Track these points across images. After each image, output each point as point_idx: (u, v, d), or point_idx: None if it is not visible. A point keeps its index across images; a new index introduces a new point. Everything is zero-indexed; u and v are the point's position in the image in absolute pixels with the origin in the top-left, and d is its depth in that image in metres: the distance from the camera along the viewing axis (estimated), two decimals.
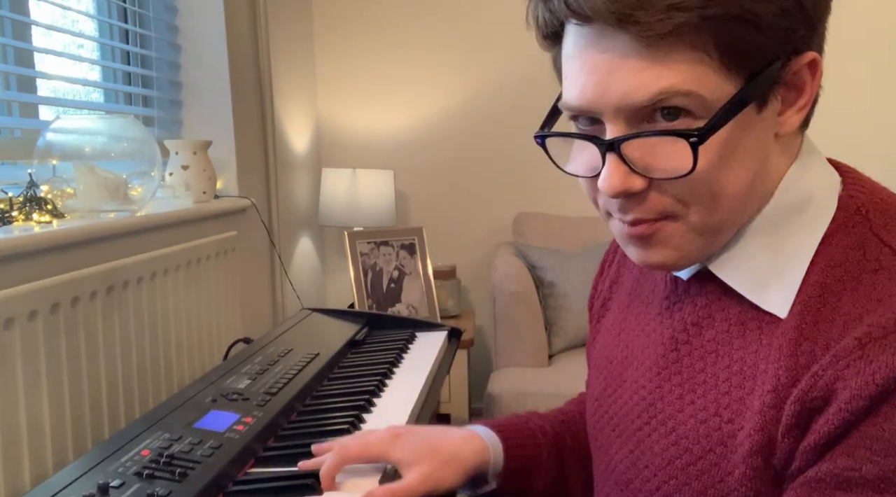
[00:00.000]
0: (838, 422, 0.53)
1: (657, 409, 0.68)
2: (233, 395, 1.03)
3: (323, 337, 1.41)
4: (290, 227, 2.59)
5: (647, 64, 0.56)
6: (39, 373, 1.06)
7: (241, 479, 0.84)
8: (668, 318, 0.70)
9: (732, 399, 0.61)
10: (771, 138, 0.62)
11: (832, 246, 0.61)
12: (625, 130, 0.59)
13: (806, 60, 0.59)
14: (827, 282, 0.59)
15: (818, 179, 0.65)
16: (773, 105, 0.60)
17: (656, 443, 0.67)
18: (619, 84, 0.57)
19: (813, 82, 0.61)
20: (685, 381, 0.66)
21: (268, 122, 2.30)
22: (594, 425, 0.79)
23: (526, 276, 2.51)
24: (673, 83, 0.56)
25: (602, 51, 0.58)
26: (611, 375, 0.77)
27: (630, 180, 0.59)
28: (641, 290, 0.78)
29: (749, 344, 0.62)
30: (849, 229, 0.61)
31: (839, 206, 0.63)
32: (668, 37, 0.55)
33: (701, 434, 0.63)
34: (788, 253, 0.62)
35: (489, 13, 2.85)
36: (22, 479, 1.01)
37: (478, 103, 2.90)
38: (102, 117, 1.52)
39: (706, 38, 0.55)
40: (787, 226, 0.63)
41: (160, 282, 1.40)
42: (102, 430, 1.21)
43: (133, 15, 1.86)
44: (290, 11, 2.64)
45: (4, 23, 1.39)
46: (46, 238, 1.13)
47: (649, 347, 0.72)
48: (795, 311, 0.60)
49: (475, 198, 2.96)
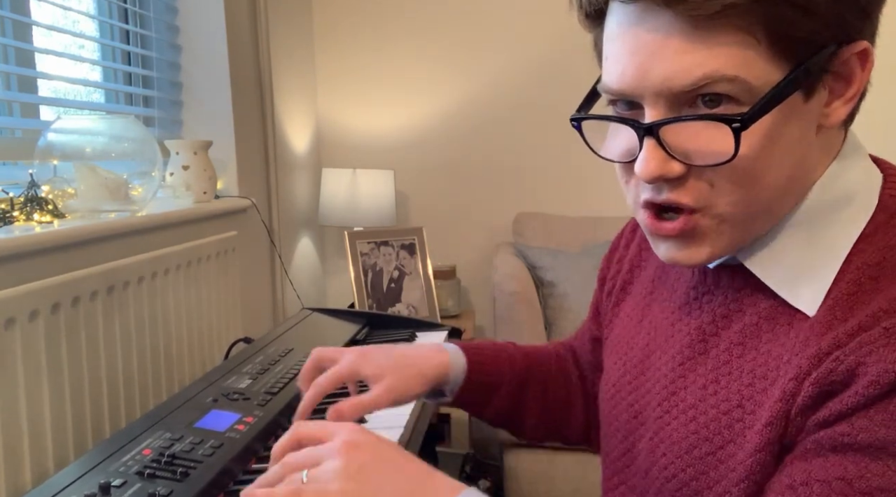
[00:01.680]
0: (851, 404, 0.53)
1: (679, 397, 0.67)
2: (234, 395, 1.03)
3: (323, 337, 1.41)
4: (290, 227, 2.59)
5: (692, 46, 0.54)
6: (40, 372, 1.06)
7: (242, 478, 0.84)
8: (696, 309, 0.69)
9: (756, 390, 0.61)
10: (814, 130, 0.60)
11: (870, 245, 0.59)
12: (664, 114, 0.57)
13: (857, 50, 0.57)
14: (862, 280, 0.58)
15: (859, 178, 0.63)
16: (820, 95, 0.58)
17: (676, 431, 0.67)
18: (662, 67, 0.56)
19: (863, 73, 0.59)
20: (710, 372, 0.66)
21: (268, 122, 2.30)
22: (610, 410, 0.79)
23: (526, 276, 2.51)
24: (718, 68, 0.54)
25: (646, 30, 0.56)
26: (631, 362, 0.77)
27: (668, 166, 0.58)
28: (666, 277, 0.77)
29: (777, 337, 0.61)
30: (888, 229, 0.60)
31: (880, 205, 0.61)
32: (716, 17, 0.53)
33: (723, 424, 0.62)
34: (823, 251, 0.61)
35: (489, 13, 2.85)
36: (23, 479, 1.02)
37: (478, 103, 2.90)
38: (103, 117, 1.52)
39: (755, 20, 0.53)
40: (823, 223, 0.61)
41: (161, 282, 1.40)
42: (103, 430, 1.21)
43: (133, 15, 1.86)
44: (290, 12, 2.65)
45: (5, 23, 1.39)
46: (47, 238, 1.13)
47: (675, 337, 0.71)
48: (826, 307, 0.59)
49: (475, 198, 2.96)
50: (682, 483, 0.65)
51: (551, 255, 2.62)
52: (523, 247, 2.69)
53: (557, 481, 1.94)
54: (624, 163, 0.63)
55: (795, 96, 0.56)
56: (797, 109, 0.57)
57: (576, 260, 2.59)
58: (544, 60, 2.74)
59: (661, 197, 0.60)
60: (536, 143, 2.82)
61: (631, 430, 0.74)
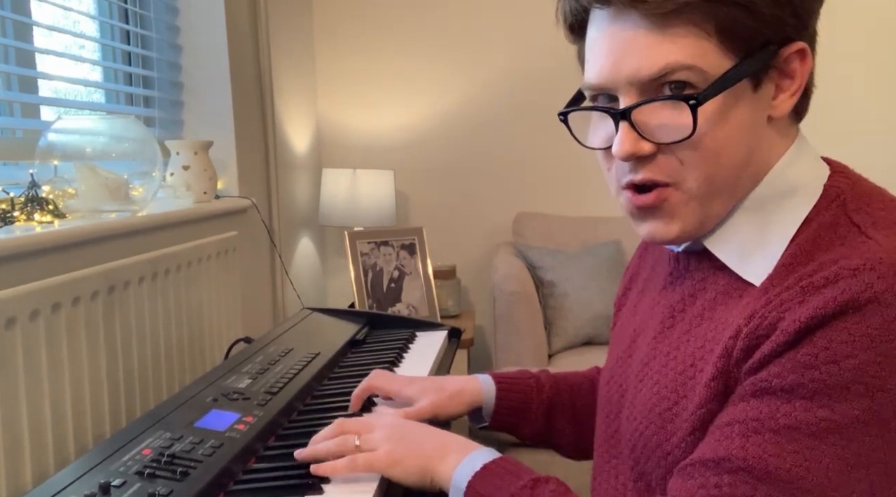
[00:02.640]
0: (768, 350, 0.62)
1: (650, 367, 0.76)
2: (233, 395, 1.03)
3: (323, 337, 1.41)
4: (290, 227, 2.59)
5: (656, 40, 0.65)
6: (41, 372, 1.06)
7: (241, 478, 0.84)
8: (670, 292, 0.79)
9: (706, 351, 0.70)
10: (764, 120, 0.69)
11: (810, 227, 0.68)
12: (635, 101, 0.67)
13: (795, 49, 0.67)
14: (797, 253, 0.66)
15: (807, 170, 0.71)
16: (767, 88, 0.68)
17: (644, 396, 0.76)
18: (632, 60, 0.66)
19: (803, 70, 0.68)
20: (673, 342, 0.75)
21: (268, 122, 2.30)
22: (605, 395, 0.87)
23: (526, 276, 2.51)
24: (678, 58, 0.65)
25: (619, 29, 0.67)
26: (622, 348, 0.86)
27: (639, 145, 0.67)
28: (655, 274, 0.86)
29: (730, 308, 0.70)
30: (826, 213, 0.68)
31: (823, 194, 0.69)
32: (673, 15, 0.64)
33: (678, 383, 0.71)
34: (771, 232, 0.69)
35: (489, 14, 2.85)
36: (24, 478, 1.02)
37: (478, 104, 2.90)
38: (103, 118, 1.52)
39: (706, 17, 0.64)
40: (773, 208, 0.70)
41: (161, 282, 1.41)
42: (104, 430, 1.21)
43: (134, 16, 1.86)
44: (291, 12, 2.65)
45: (6, 23, 1.40)
46: (48, 238, 1.13)
47: (653, 318, 0.80)
48: (767, 278, 0.67)
49: (475, 198, 2.96)
50: (647, 439, 0.73)
51: (551, 255, 2.62)
52: (523, 247, 2.69)
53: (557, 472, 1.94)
54: (604, 149, 0.72)
55: (744, 85, 0.66)
56: (746, 97, 0.67)
57: (576, 260, 2.59)
58: (544, 61, 2.74)
59: (639, 176, 0.69)
60: (536, 143, 2.82)
61: (617, 405, 0.83)
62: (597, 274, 2.56)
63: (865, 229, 0.65)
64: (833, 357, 0.58)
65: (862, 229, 0.65)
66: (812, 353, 0.59)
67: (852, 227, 0.66)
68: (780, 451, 0.59)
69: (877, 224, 0.65)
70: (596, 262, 2.60)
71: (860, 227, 0.65)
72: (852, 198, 0.68)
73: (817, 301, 0.60)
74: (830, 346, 0.59)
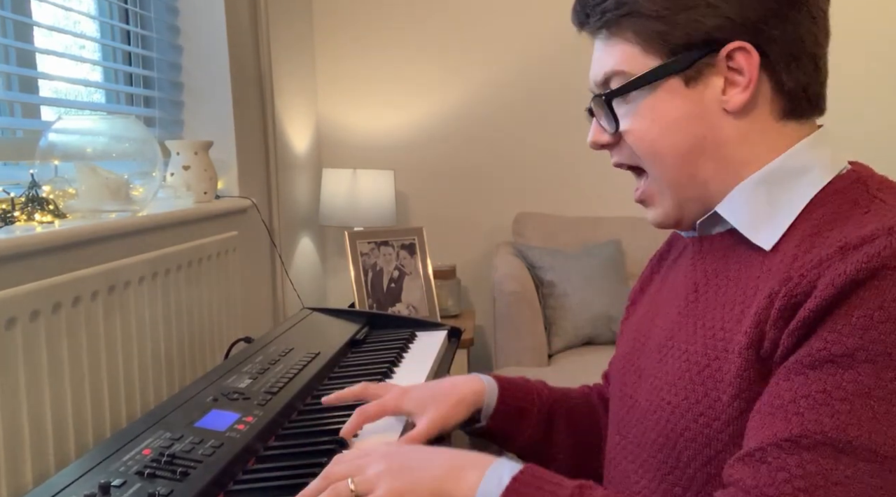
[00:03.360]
0: (814, 307, 0.62)
1: (675, 340, 0.77)
2: (234, 395, 1.03)
3: (323, 336, 1.41)
4: (290, 227, 2.59)
5: (600, 52, 0.79)
6: (41, 372, 1.06)
7: (241, 478, 0.85)
8: (691, 272, 0.81)
9: (735, 313, 0.71)
10: (715, 113, 0.74)
11: (826, 205, 0.70)
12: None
13: (730, 48, 0.71)
14: (821, 224, 0.68)
15: (820, 158, 0.74)
16: (709, 83, 0.73)
17: (671, 366, 0.76)
18: (593, 68, 0.80)
19: (749, 68, 0.72)
20: (699, 311, 0.76)
21: (268, 122, 2.30)
22: (619, 380, 0.86)
23: (526, 275, 2.51)
24: (610, 65, 0.77)
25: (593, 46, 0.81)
26: (639, 333, 0.86)
27: (599, 135, 0.80)
28: (677, 265, 0.88)
29: (752, 274, 0.72)
30: (848, 191, 0.71)
31: (839, 176, 0.72)
32: (604, 31, 0.77)
33: (708, 347, 0.72)
34: (781, 204, 0.72)
35: (489, 14, 2.85)
36: (24, 478, 1.02)
37: (478, 104, 2.90)
38: (104, 118, 1.53)
39: (627, 28, 0.75)
40: (783, 184, 0.73)
41: (161, 282, 1.41)
42: (104, 430, 1.22)
43: (134, 16, 1.87)
44: (291, 12, 2.65)
45: (6, 24, 1.40)
46: (48, 238, 1.13)
47: (675, 298, 0.82)
48: (792, 244, 0.69)
49: (475, 198, 2.96)
50: (675, 406, 0.73)
51: (551, 255, 2.62)
52: (523, 247, 2.69)
53: None
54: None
55: (675, 82, 0.74)
56: (678, 92, 0.74)
57: (576, 260, 2.59)
58: (544, 61, 2.74)
59: (613, 159, 0.81)
60: (536, 143, 2.82)
61: (633, 387, 0.82)
62: (597, 274, 2.56)
63: (888, 200, 0.68)
64: (888, 315, 0.59)
65: (885, 201, 0.68)
66: (865, 313, 0.59)
67: (874, 199, 0.68)
68: (856, 420, 0.58)
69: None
70: (596, 262, 2.60)
71: (884, 201, 0.68)
72: (873, 180, 0.72)
73: (858, 257, 0.61)
74: (883, 305, 0.59)
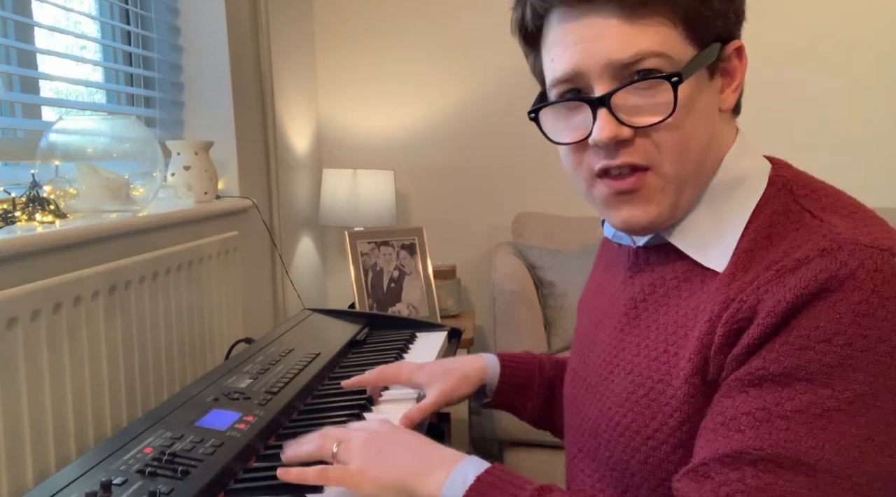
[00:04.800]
0: (757, 334, 0.63)
1: (619, 358, 0.78)
2: (234, 394, 1.03)
3: (324, 337, 1.42)
4: (291, 227, 2.59)
5: (627, 29, 0.68)
6: (42, 372, 1.06)
7: (242, 477, 0.85)
8: (630, 285, 0.81)
9: (678, 337, 0.72)
10: (717, 110, 0.74)
11: (762, 213, 0.71)
12: (610, 87, 0.70)
13: (735, 46, 0.73)
14: (757, 239, 0.70)
15: (752, 163, 0.76)
16: (717, 80, 0.73)
17: (618, 386, 0.77)
18: (605, 45, 0.69)
19: (741, 66, 0.74)
20: (642, 332, 0.77)
21: (269, 122, 2.31)
22: (570, 392, 0.89)
23: (526, 275, 2.52)
24: (649, 45, 0.68)
25: (586, 24, 0.70)
26: (584, 344, 0.88)
27: (620, 129, 0.70)
28: (610, 274, 0.89)
29: (693, 293, 0.73)
30: (776, 200, 0.72)
31: (769, 183, 0.74)
32: (643, 7, 0.68)
33: (652, 369, 0.73)
34: (725, 220, 0.73)
35: (489, 14, 2.85)
36: (25, 477, 1.02)
37: (478, 104, 2.91)
38: (105, 118, 1.53)
39: (673, 9, 0.69)
40: (725, 199, 0.74)
41: (162, 282, 1.41)
42: (105, 429, 1.22)
43: (135, 16, 1.87)
44: (291, 13, 2.65)
45: (7, 24, 1.40)
46: (49, 238, 1.14)
47: (614, 311, 0.83)
48: (730, 264, 0.70)
49: (475, 198, 2.97)
50: (625, 427, 0.74)
51: (551, 255, 2.62)
52: (523, 247, 2.69)
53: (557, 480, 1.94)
54: (576, 143, 0.74)
55: (704, 73, 0.71)
56: (705, 85, 0.72)
57: (575, 260, 2.59)
58: None
59: (617, 161, 0.71)
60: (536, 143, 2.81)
61: (581, 400, 0.84)
62: None
63: (817, 213, 0.69)
64: (824, 335, 0.60)
65: (814, 214, 0.69)
66: (803, 334, 0.61)
67: (804, 211, 0.70)
68: (795, 436, 0.60)
69: (825, 208, 0.70)
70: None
71: (811, 212, 0.69)
72: (798, 185, 0.73)
73: (796, 282, 0.62)
74: (819, 325, 0.61)
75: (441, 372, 1.03)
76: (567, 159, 0.77)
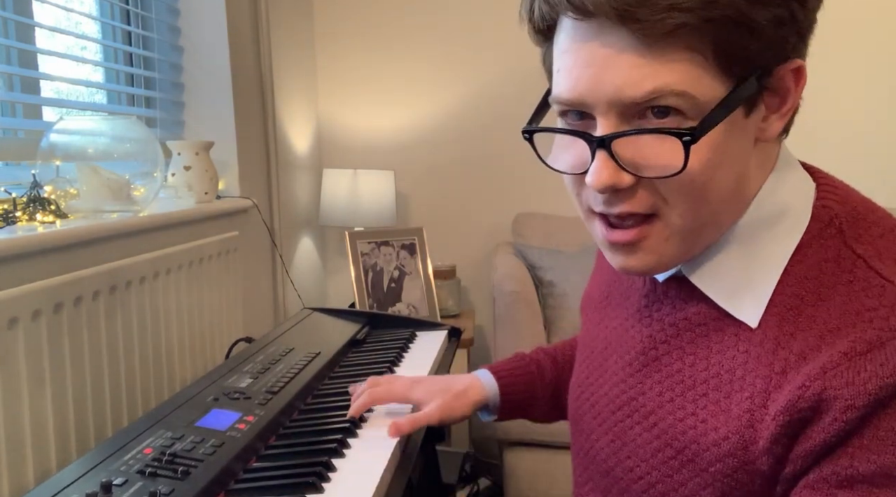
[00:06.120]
0: (834, 430, 0.55)
1: (639, 403, 0.71)
2: (234, 394, 1.03)
3: (324, 336, 1.42)
4: (291, 227, 2.60)
5: (645, 60, 0.56)
6: (43, 372, 1.07)
7: (242, 477, 0.85)
8: (647, 317, 0.73)
9: (710, 400, 0.64)
10: (752, 144, 0.62)
11: (807, 258, 0.62)
12: (616, 126, 0.59)
13: (792, 67, 0.60)
14: (802, 293, 0.61)
15: (793, 191, 0.65)
16: (758, 110, 0.61)
17: (639, 435, 0.70)
18: (615, 77, 0.57)
19: (797, 89, 0.61)
20: (664, 379, 0.69)
21: (269, 122, 2.31)
22: (576, 410, 0.84)
23: (525, 275, 2.52)
24: (668, 82, 0.56)
25: (600, 45, 0.58)
26: (592, 365, 0.81)
27: (619, 176, 0.60)
28: (620, 283, 0.80)
29: (726, 349, 0.64)
30: (823, 241, 0.62)
31: (813, 216, 0.64)
32: (667, 36, 0.55)
33: (678, 430, 0.66)
34: (760, 264, 0.63)
35: (489, 15, 2.85)
36: (26, 477, 1.02)
37: (478, 104, 2.91)
38: (105, 118, 1.53)
39: (704, 39, 0.56)
40: (761, 237, 0.64)
41: (162, 281, 1.41)
42: (105, 429, 1.22)
43: (135, 17, 1.87)
44: (292, 13, 2.65)
45: (8, 24, 1.40)
46: (50, 238, 1.14)
47: (629, 343, 0.74)
48: (772, 321, 0.61)
49: (475, 198, 2.97)
50: (650, 485, 0.68)
51: (551, 255, 2.62)
52: (523, 247, 2.69)
53: (558, 479, 1.95)
54: (575, 175, 0.65)
55: (738, 111, 0.59)
56: (739, 124, 0.60)
57: (575, 260, 2.60)
58: None
59: (615, 210, 0.62)
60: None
61: (592, 429, 0.79)
62: None
63: (872, 263, 0.60)
64: None
65: (869, 263, 0.60)
66: (893, 428, 0.54)
67: (858, 259, 0.61)
68: None
69: (881, 255, 0.61)
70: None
71: (866, 261, 0.60)
72: (848, 221, 0.63)
73: (874, 369, 0.54)
74: None
75: (438, 389, 0.98)
76: (567, 183, 0.68)
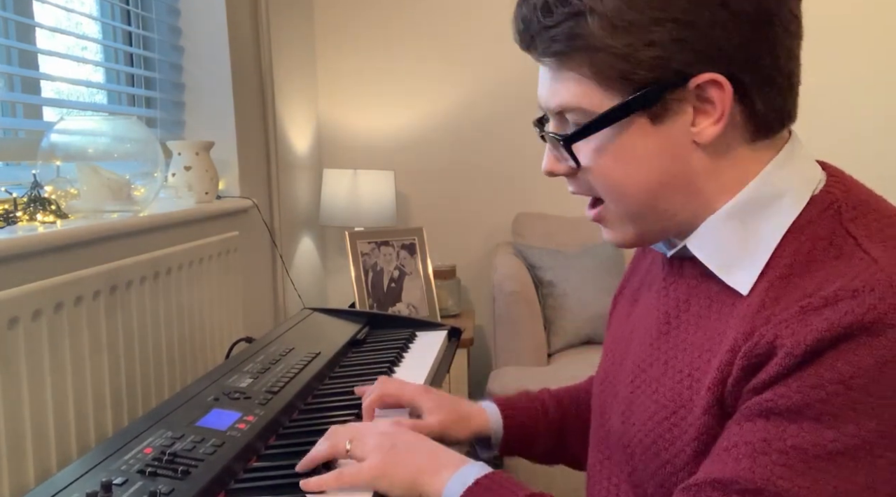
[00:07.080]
0: (773, 372, 0.61)
1: (647, 374, 0.77)
2: (235, 394, 1.04)
3: (324, 336, 1.42)
4: (291, 227, 2.60)
5: (550, 81, 0.72)
6: (43, 371, 1.07)
7: (243, 476, 0.85)
8: (664, 296, 0.78)
9: (702, 361, 0.70)
10: (685, 146, 0.68)
11: (802, 234, 0.67)
12: (555, 126, 0.74)
13: (700, 81, 0.65)
14: (794, 265, 0.66)
15: (795, 176, 0.70)
16: (678, 116, 0.67)
17: (642, 403, 0.76)
18: (543, 92, 0.74)
19: (723, 99, 0.66)
20: (671, 349, 0.75)
21: (269, 123, 2.31)
22: (599, 396, 0.87)
23: (525, 275, 2.52)
24: (565, 98, 0.70)
25: (541, 66, 0.74)
26: (617, 351, 0.86)
27: (556, 165, 0.75)
28: (650, 277, 0.86)
29: (722, 317, 0.70)
30: (821, 222, 0.67)
31: (815, 200, 0.68)
32: (558, 62, 0.69)
33: (675, 392, 0.71)
34: (756, 239, 0.69)
35: (489, 15, 2.85)
36: (26, 477, 1.03)
37: (478, 104, 2.91)
38: (106, 118, 1.53)
39: (581, 62, 0.68)
40: (757, 214, 0.69)
41: (163, 281, 1.41)
42: (106, 429, 1.22)
43: (136, 17, 1.87)
44: (292, 13, 2.66)
45: (8, 25, 1.40)
46: (50, 238, 1.14)
47: (648, 322, 0.80)
48: (761, 288, 0.67)
49: (475, 198, 2.97)
50: (646, 447, 0.73)
51: (551, 255, 2.62)
52: (523, 247, 2.69)
53: (558, 479, 1.95)
54: None
55: (638, 119, 0.67)
56: (644, 129, 0.68)
57: (575, 260, 2.60)
58: None
59: (569, 189, 0.76)
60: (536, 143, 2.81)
61: (609, 408, 0.83)
62: (596, 274, 2.57)
63: (861, 241, 0.64)
64: (840, 377, 0.58)
65: (858, 241, 0.64)
66: (818, 373, 0.59)
67: (848, 237, 0.65)
68: (790, 473, 0.58)
69: (872, 236, 0.65)
70: (595, 262, 2.60)
71: (856, 239, 0.65)
72: (848, 206, 0.67)
73: (820, 323, 0.59)
74: (836, 367, 0.58)
75: (449, 404, 0.98)
76: None
